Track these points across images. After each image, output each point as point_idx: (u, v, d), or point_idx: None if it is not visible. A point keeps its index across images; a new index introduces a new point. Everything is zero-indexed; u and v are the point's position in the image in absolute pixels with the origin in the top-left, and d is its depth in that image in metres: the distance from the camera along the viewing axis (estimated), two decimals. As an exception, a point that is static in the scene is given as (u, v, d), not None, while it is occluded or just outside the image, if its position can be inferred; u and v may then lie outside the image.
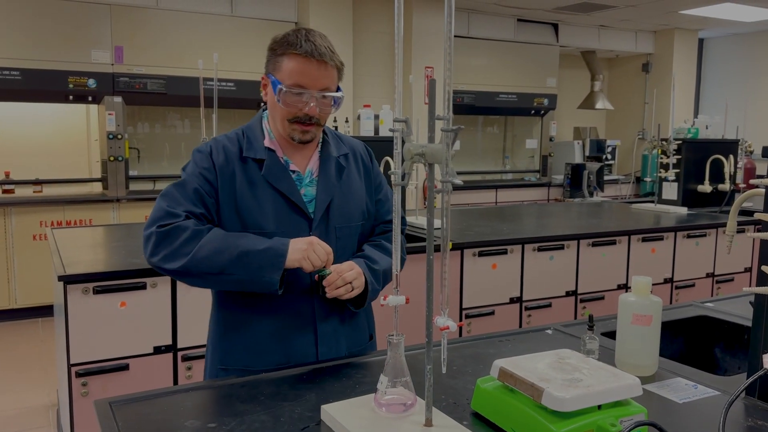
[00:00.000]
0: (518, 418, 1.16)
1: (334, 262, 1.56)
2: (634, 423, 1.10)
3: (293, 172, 1.61)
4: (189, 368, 2.62)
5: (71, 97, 5.05)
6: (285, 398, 1.36)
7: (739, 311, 2.04)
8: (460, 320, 3.27)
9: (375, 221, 1.75)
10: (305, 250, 1.48)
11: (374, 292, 1.62)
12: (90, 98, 5.15)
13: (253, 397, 1.38)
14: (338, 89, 1.57)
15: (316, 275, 1.55)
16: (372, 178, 1.74)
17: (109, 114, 5.13)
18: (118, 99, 5.16)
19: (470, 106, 6.88)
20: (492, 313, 3.36)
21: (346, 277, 1.53)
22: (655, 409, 1.31)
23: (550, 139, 7.46)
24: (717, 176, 4.65)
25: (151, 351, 2.55)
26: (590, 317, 1.61)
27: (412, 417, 1.20)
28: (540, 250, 3.44)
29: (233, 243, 1.47)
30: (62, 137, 5.59)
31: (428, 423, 1.17)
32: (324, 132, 1.68)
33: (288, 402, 1.33)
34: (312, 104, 1.53)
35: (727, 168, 4.60)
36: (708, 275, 4.05)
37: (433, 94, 1.13)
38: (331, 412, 1.23)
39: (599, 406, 1.14)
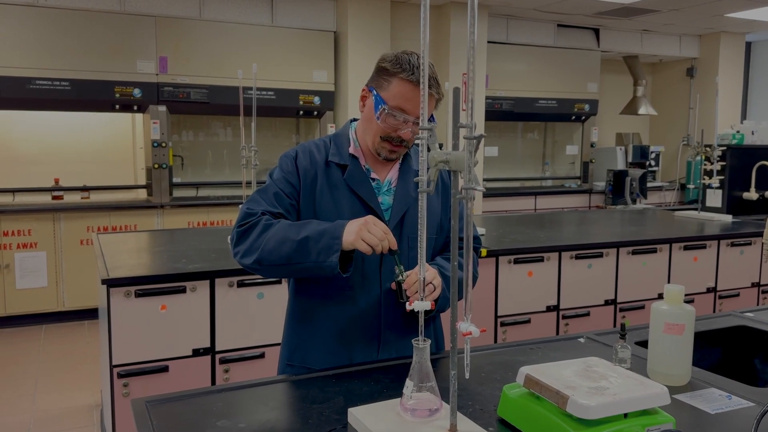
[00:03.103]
0: (543, 426, 1.16)
1: (406, 270, 1.55)
2: (661, 432, 1.09)
3: (373, 180, 1.67)
4: (226, 371, 2.68)
5: (117, 107, 5.22)
6: (314, 400, 1.38)
7: (781, 322, 1.98)
8: (495, 328, 3.26)
9: (448, 237, 1.76)
10: (358, 230, 1.46)
11: (444, 300, 1.60)
12: (135, 107, 5.32)
13: (283, 399, 1.41)
14: (432, 118, 1.59)
15: (393, 282, 1.54)
16: (450, 195, 1.72)
17: (154, 123, 5.29)
18: (163, 108, 5.31)
19: (509, 113, 6.84)
20: (528, 321, 3.33)
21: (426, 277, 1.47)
22: (685, 419, 1.29)
23: (591, 145, 7.35)
24: (763, 183, 4.52)
25: (190, 353, 2.62)
26: (623, 326, 1.60)
27: (437, 422, 1.21)
28: (578, 257, 3.40)
29: (295, 231, 1.52)
30: (109, 145, 5.77)
31: (453, 428, 1.18)
32: (408, 148, 1.71)
33: (317, 404, 1.36)
34: (408, 129, 1.57)
35: (775, 174, 4.47)
36: (753, 285, 3.93)
37: (458, 101, 1.14)
38: (358, 415, 1.24)
39: (626, 415, 1.13)
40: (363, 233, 1.45)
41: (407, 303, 1.36)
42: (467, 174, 1.04)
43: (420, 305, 1.26)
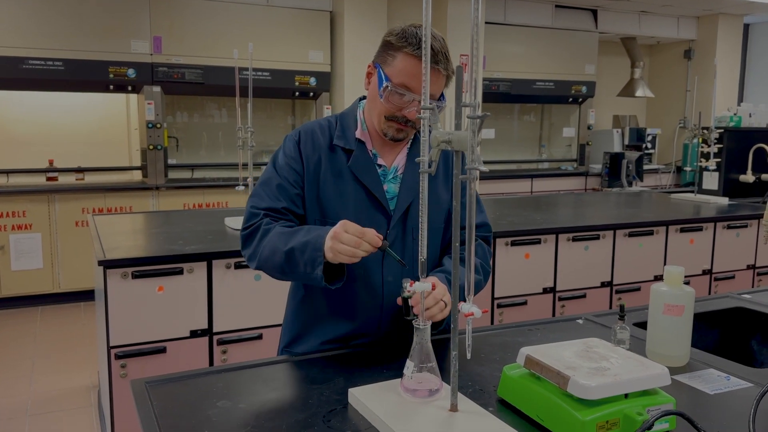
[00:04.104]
0: (544, 406, 1.16)
1: (410, 266, 1.51)
2: (662, 412, 1.09)
3: (379, 166, 1.60)
4: (224, 352, 2.68)
5: (112, 87, 5.17)
6: (314, 381, 1.38)
7: (778, 303, 1.99)
8: (492, 309, 3.26)
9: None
10: (331, 246, 1.37)
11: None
12: (130, 88, 5.27)
13: (283, 380, 1.41)
14: (442, 96, 1.53)
15: (399, 298, 1.40)
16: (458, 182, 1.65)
17: (148, 103, 5.24)
18: (157, 89, 5.26)
19: (506, 94, 6.81)
20: (525, 303, 3.34)
21: (435, 295, 1.41)
22: (685, 399, 1.30)
23: (588, 128, 7.33)
24: (760, 166, 4.52)
25: (188, 335, 2.62)
26: (621, 307, 1.60)
27: (437, 402, 1.21)
28: (575, 240, 3.40)
29: (284, 240, 1.46)
30: (103, 126, 5.73)
31: (453, 408, 1.18)
32: (417, 130, 1.63)
33: (317, 385, 1.36)
34: (413, 108, 1.49)
35: (772, 157, 4.46)
36: (749, 267, 3.95)
37: (460, 82, 1.12)
38: (358, 395, 1.24)
39: (626, 395, 1.13)
40: (336, 246, 1.36)
41: (413, 321, 1.25)
42: (470, 154, 1.03)
43: (420, 286, 1.25)
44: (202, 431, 1.15)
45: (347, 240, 1.36)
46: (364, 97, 1.66)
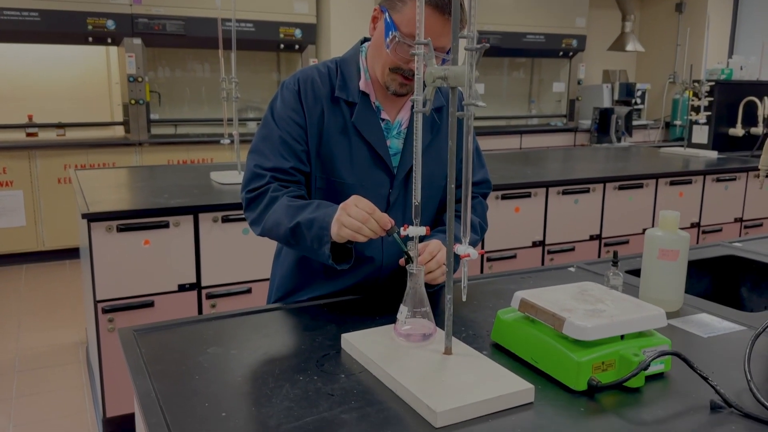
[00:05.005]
0: (539, 348, 1.15)
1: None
2: (658, 353, 1.08)
3: (382, 120, 1.50)
4: (213, 306, 2.66)
5: (90, 39, 5.00)
6: (306, 328, 1.36)
7: (768, 251, 1.99)
8: (482, 263, 3.26)
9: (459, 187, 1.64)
10: (338, 217, 1.30)
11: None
12: (109, 40, 5.10)
13: (275, 327, 1.39)
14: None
15: (402, 259, 1.38)
16: (462, 137, 1.55)
17: (129, 56, 5.09)
18: (138, 41, 5.11)
19: (495, 48, 6.69)
20: (514, 256, 3.34)
21: (439, 258, 1.36)
22: (679, 342, 1.29)
23: (578, 83, 7.26)
24: (750, 119, 4.51)
25: (176, 289, 2.59)
26: (615, 253, 1.59)
27: (431, 346, 1.20)
28: (565, 193, 3.39)
29: (290, 215, 1.39)
30: (83, 81, 5.58)
31: (448, 351, 1.17)
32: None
33: (308, 331, 1.34)
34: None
35: (761, 110, 4.44)
36: (736, 220, 3.97)
37: (457, 15, 1.07)
38: (351, 340, 1.23)
39: (622, 337, 1.12)
40: (342, 218, 1.28)
41: (407, 266, 1.23)
42: (467, 89, 0.99)
43: (414, 230, 1.22)
44: (193, 377, 1.12)
45: (355, 213, 1.28)
46: (366, 39, 1.54)
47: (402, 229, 1.24)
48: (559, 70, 7.48)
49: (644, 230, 3.64)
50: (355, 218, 1.27)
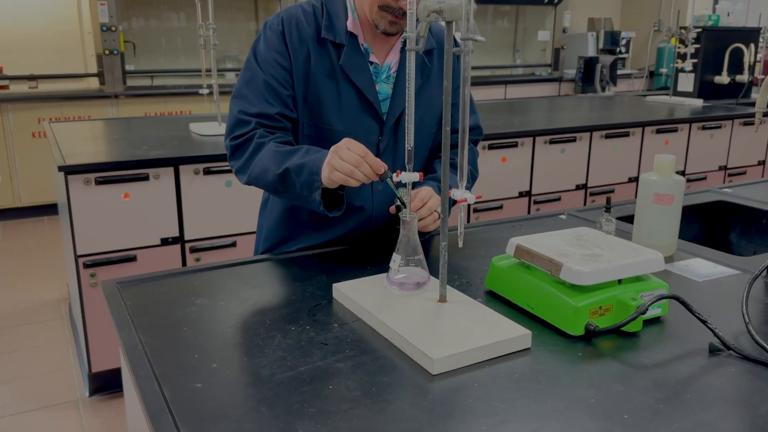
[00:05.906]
0: (535, 294, 1.13)
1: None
2: (656, 296, 1.07)
3: (371, 63, 1.43)
4: (197, 259, 2.62)
5: (59, -15, 4.80)
6: (296, 278, 1.33)
7: (757, 196, 1.99)
8: (468, 214, 3.24)
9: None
10: (329, 160, 1.24)
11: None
12: (79, -13, 4.89)
13: (263, 278, 1.36)
14: None
15: (392, 207, 1.37)
16: (454, 78, 1.43)
17: (101, 4, 4.90)
18: (110, -13, 4.90)
19: (479, -5, 6.55)
20: (500, 207, 3.32)
21: (431, 205, 1.33)
22: (675, 287, 1.28)
23: (564, 31, 7.14)
24: (736, 67, 4.47)
25: (158, 242, 2.54)
26: (608, 199, 1.57)
27: (425, 294, 1.17)
28: (551, 143, 3.35)
29: (278, 161, 1.33)
30: (54, 30, 5.35)
31: (442, 299, 1.14)
32: None
33: (298, 282, 1.31)
34: None
35: (747, 57, 4.41)
36: (721, 168, 3.98)
37: (451, -55, 1.01)
38: (343, 289, 1.20)
39: (620, 281, 1.10)
40: (334, 161, 1.23)
41: (399, 214, 1.19)
42: (465, 23, 0.93)
43: (407, 176, 1.18)
44: (181, 329, 1.09)
45: (347, 157, 1.22)
46: None
47: (395, 175, 1.19)
48: (544, 18, 7.35)
49: (629, 179, 3.65)
50: (348, 161, 1.22)
